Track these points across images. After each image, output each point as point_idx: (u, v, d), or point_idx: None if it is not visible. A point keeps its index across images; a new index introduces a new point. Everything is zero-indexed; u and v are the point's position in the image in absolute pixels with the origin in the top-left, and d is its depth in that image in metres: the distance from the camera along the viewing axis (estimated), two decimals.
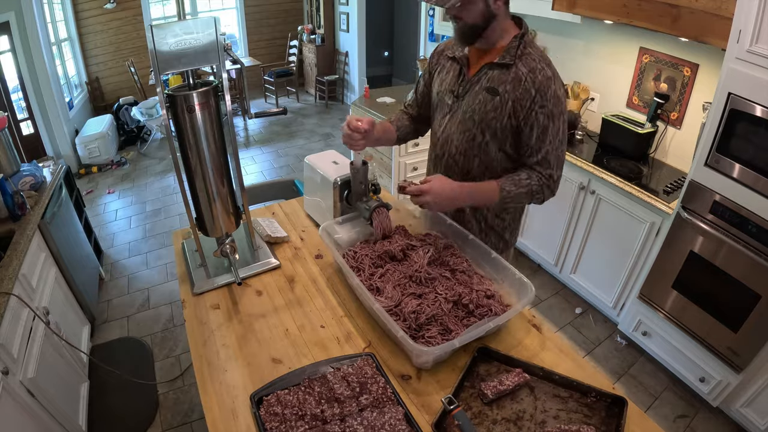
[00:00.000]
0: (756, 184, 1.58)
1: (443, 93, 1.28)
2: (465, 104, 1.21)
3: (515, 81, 1.12)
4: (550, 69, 1.12)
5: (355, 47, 5.69)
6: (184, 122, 1.09)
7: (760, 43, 1.47)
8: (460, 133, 1.24)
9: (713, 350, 1.85)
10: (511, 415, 0.89)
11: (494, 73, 1.15)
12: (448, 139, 1.28)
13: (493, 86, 1.15)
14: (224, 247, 1.25)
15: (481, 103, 1.17)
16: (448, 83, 1.27)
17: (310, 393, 0.90)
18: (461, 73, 1.23)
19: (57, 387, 1.68)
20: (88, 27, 5.16)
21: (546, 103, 1.10)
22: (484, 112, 1.17)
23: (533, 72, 1.11)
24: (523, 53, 1.13)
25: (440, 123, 1.31)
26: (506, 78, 1.13)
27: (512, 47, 1.13)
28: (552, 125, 1.13)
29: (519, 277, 1.10)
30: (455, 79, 1.25)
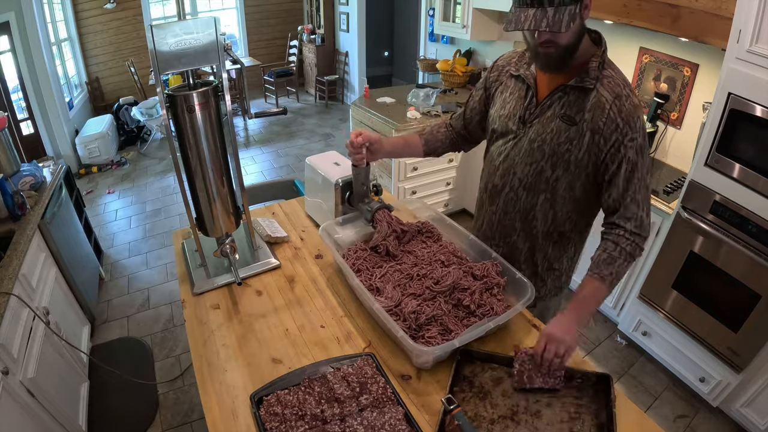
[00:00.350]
0: (756, 184, 1.58)
1: (506, 117, 1.13)
2: (533, 132, 1.07)
3: (596, 108, 0.98)
4: (635, 96, 0.98)
5: (355, 47, 5.69)
6: (184, 122, 1.09)
7: (760, 43, 1.47)
8: (526, 164, 1.10)
9: (713, 350, 1.85)
10: (506, 412, 0.89)
11: (570, 98, 1.01)
12: (510, 170, 1.14)
13: (570, 113, 1.01)
14: (224, 247, 1.25)
15: (554, 133, 1.03)
16: (512, 106, 1.12)
17: (310, 393, 0.90)
18: (528, 94, 1.09)
19: (57, 387, 1.68)
20: (88, 27, 5.16)
21: (636, 135, 0.97)
22: (557, 144, 1.03)
23: (619, 98, 0.96)
24: (603, 75, 0.99)
25: (500, 150, 1.16)
26: (585, 104, 0.99)
27: (592, 68, 0.98)
28: (641, 161, 0.99)
29: (519, 277, 1.10)
30: (521, 101, 1.10)
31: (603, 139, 0.98)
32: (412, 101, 3.15)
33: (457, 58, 3.55)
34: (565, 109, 1.02)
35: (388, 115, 2.99)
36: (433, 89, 3.22)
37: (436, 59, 3.90)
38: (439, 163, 3.12)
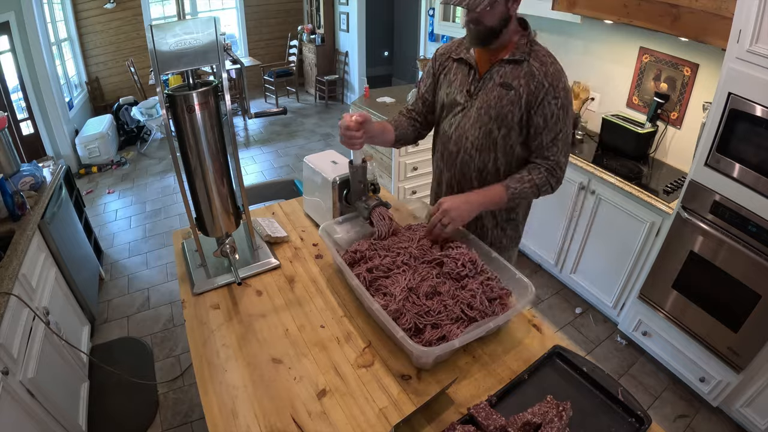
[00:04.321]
0: (756, 184, 1.57)
1: (454, 93, 1.29)
2: (479, 101, 1.24)
3: (528, 75, 1.16)
4: (558, 63, 1.18)
5: (355, 47, 5.69)
6: (184, 122, 1.09)
7: (760, 43, 1.47)
8: (476, 129, 1.26)
9: (713, 350, 1.85)
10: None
11: (506, 69, 1.20)
12: (462, 136, 1.29)
13: (507, 81, 1.19)
14: (224, 247, 1.25)
15: (497, 98, 1.20)
16: (459, 83, 1.29)
17: None
18: (471, 72, 1.26)
19: (57, 387, 1.68)
20: (88, 27, 5.16)
21: (558, 94, 1.15)
22: (500, 107, 1.20)
23: (545, 65, 1.16)
24: (532, 50, 1.18)
25: (451, 122, 1.32)
26: (519, 73, 1.18)
27: (522, 44, 1.19)
28: (562, 114, 1.17)
29: (519, 277, 1.10)
30: (466, 78, 1.27)
31: (534, 98, 1.17)
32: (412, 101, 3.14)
33: None
34: (503, 78, 1.20)
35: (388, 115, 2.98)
36: None
37: None
38: None
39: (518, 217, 1.42)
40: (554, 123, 1.18)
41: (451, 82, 1.31)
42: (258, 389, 0.97)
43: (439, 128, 1.39)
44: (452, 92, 1.30)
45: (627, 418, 0.87)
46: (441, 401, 0.93)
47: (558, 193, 1.25)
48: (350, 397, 0.95)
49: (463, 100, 1.28)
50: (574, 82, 2.79)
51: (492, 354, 1.05)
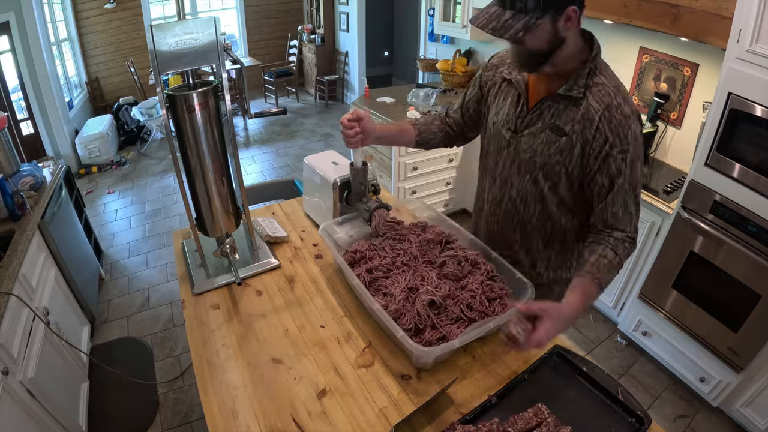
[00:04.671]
0: (756, 184, 1.57)
1: (499, 125, 1.11)
2: (525, 142, 1.04)
3: (586, 120, 0.95)
4: (627, 104, 0.94)
5: (355, 47, 5.69)
6: (184, 122, 1.09)
7: (760, 43, 1.47)
8: (521, 176, 1.08)
9: (713, 350, 1.85)
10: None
11: (560, 107, 0.98)
12: (507, 180, 1.13)
13: (559, 124, 0.98)
14: (224, 247, 1.25)
15: (544, 144, 1.01)
16: (504, 113, 1.09)
17: None
18: (520, 102, 1.06)
19: (57, 387, 1.68)
20: (88, 27, 5.16)
21: (626, 146, 0.93)
22: (547, 155, 1.01)
23: (609, 110, 0.93)
24: (594, 83, 0.95)
25: (496, 159, 1.14)
26: (574, 115, 0.96)
27: (580, 76, 0.95)
28: (631, 172, 0.95)
29: (519, 277, 1.10)
30: (513, 108, 1.07)
31: (592, 151, 0.96)
32: (412, 101, 3.15)
33: (457, 57, 3.55)
34: (555, 119, 0.99)
35: (388, 115, 2.99)
36: (433, 89, 3.23)
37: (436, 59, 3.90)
38: (439, 163, 3.12)
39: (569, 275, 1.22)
40: (622, 183, 0.95)
41: (499, 109, 1.12)
42: (258, 389, 0.97)
43: (483, 160, 1.23)
44: (498, 122, 1.11)
45: (627, 418, 0.87)
46: (441, 401, 0.93)
47: None
48: (350, 397, 0.95)
49: (508, 137, 1.09)
50: None
51: (492, 354, 1.05)
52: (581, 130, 0.96)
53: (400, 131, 1.30)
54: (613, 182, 0.96)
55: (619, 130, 0.93)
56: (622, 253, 0.98)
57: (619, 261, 0.98)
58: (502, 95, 1.12)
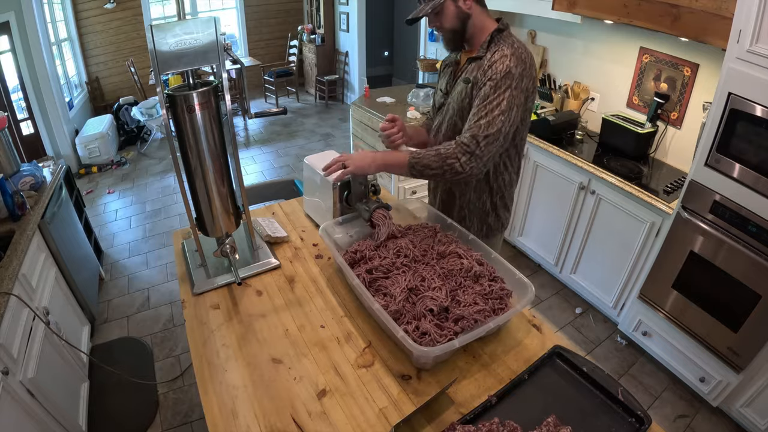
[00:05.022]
0: (756, 184, 1.57)
1: (439, 95, 1.40)
2: (450, 98, 1.32)
3: (480, 67, 1.20)
4: (510, 49, 1.16)
5: (355, 47, 5.69)
6: (184, 122, 1.09)
7: (760, 43, 1.47)
8: (448, 125, 1.34)
9: (713, 350, 1.85)
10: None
11: (471, 66, 1.25)
12: (439, 130, 1.38)
13: (468, 76, 1.24)
14: (224, 247, 1.25)
15: (459, 93, 1.27)
16: (443, 86, 1.39)
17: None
18: (452, 74, 1.35)
19: (57, 387, 1.68)
20: (88, 27, 5.16)
21: (494, 75, 1.15)
22: (460, 99, 1.26)
23: (494, 54, 1.18)
24: (493, 43, 1.21)
25: (437, 120, 1.42)
26: (477, 67, 1.22)
27: (483, 41, 1.22)
28: (493, 94, 1.15)
29: (519, 277, 1.10)
30: (449, 79, 1.37)
31: (476, 86, 1.21)
32: (412, 101, 3.15)
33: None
34: (466, 74, 1.25)
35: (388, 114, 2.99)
36: (433, 89, 3.22)
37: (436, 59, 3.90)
38: None
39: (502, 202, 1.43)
40: (481, 101, 1.16)
41: (441, 85, 1.40)
42: (258, 389, 0.97)
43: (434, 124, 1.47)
44: (439, 93, 1.40)
45: (627, 418, 0.87)
46: (441, 401, 0.93)
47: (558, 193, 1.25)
48: (350, 397, 0.95)
49: (442, 100, 1.37)
50: (574, 81, 2.79)
51: (492, 354, 1.05)
52: (477, 76, 1.21)
53: (417, 132, 1.51)
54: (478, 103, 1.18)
55: (494, 64, 1.16)
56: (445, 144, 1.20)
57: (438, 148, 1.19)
58: (444, 76, 1.41)
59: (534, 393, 0.94)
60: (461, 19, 1.20)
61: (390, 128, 1.36)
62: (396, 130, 1.37)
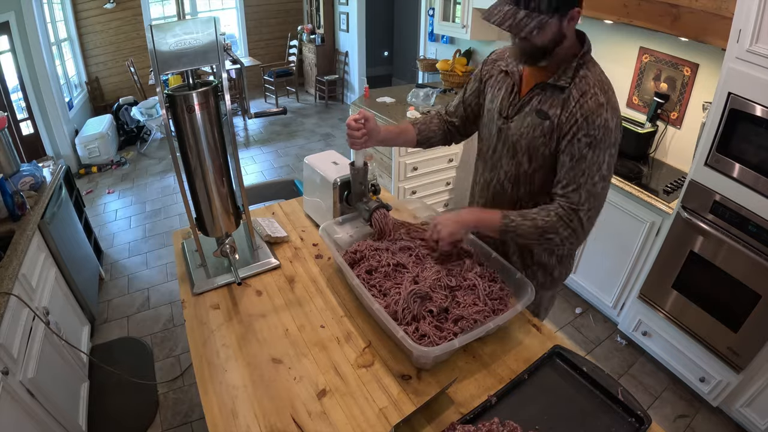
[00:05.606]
0: (756, 184, 1.57)
1: (494, 111, 1.17)
2: (514, 126, 1.11)
3: (565, 105, 1.01)
4: (604, 95, 0.98)
5: (355, 47, 5.69)
6: (184, 122, 1.09)
7: (760, 43, 1.47)
8: (509, 158, 1.14)
9: (713, 350, 1.85)
10: None
11: (546, 95, 1.05)
12: (497, 163, 1.19)
13: (543, 109, 1.04)
14: (224, 247, 1.25)
15: (530, 127, 1.07)
16: (498, 101, 1.16)
17: None
18: (513, 90, 1.13)
19: (57, 387, 1.68)
20: (88, 27, 5.16)
21: (591, 131, 0.97)
22: (532, 137, 1.07)
23: (584, 96, 0.99)
24: (579, 75, 1.01)
25: (488, 144, 1.21)
26: (558, 101, 1.02)
27: (570, 68, 1.01)
28: (592, 155, 0.98)
29: (519, 277, 1.10)
30: (507, 96, 1.14)
31: (562, 131, 1.02)
32: (412, 101, 3.15)
33: (457, 57, 3.55)
34: (540, 105, 1.05)
35: (388, 115, 2.99)
36: (433, 89, 3.23)
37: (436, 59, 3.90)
38: (439, 163, 3.12)
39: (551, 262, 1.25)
40: (580, 163, 0.99)
41: (494, 97, 1.18)
42: (258, 389, 0.97)
43: (481, 146, 1.27)
44: (493, 109, 1.18)
45: (627, 418, 0.87)
46: (441, 401, 0.93)
47: None
48: (350, 397, 0.95)
49: (500, 123, 1.15)
50: None
51: (492, 354, 1.05)
52: (560, 114, 1.02)
53: (401, 132, 1.33)
54: (573, 161, 1.01)
55: (589, 115, 0.98)
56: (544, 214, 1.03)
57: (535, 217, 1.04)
58: (498, 85, 1.18)
59: (534, 393, 0.94)
60: (556, 40, 0.97)
61: (356, 128, 1.19)
62: (359, 134, 1.19)
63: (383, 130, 1.26)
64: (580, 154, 0.99)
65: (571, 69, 1.01)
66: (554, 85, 1.03)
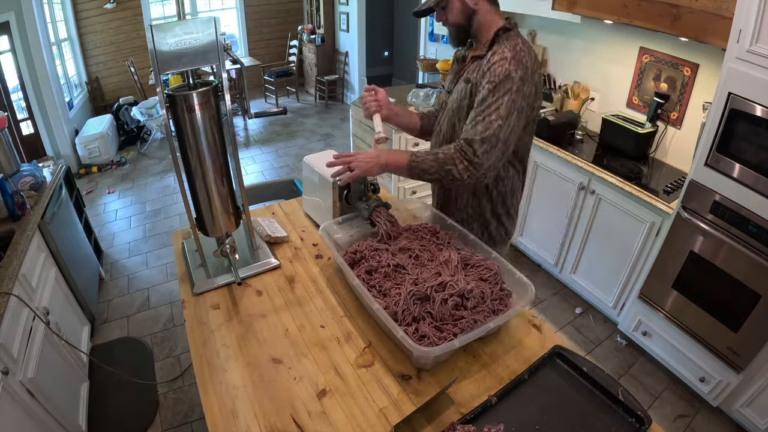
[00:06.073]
0: (756, 184, 1.57)
1: (444, 92, 1.39)
2: (451, 98, 1.30)
3: (480, 68, 1.18)
4: (511, 52, 1.13)
5: (355, 47, 5.69)
6: (184, 122, 1.09)
7: (760, 43, 1.47)
8: (447, 123, 1.32)
9: (713, 350, 1.85)
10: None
11: (473, 66, 1.23)
12: (439, 130, 1.37)
13: (469, 76, 1.22)
14: (224, 247, 1.25)
15: (459, 92, 1.25)
16: (448, 83, 1.37)
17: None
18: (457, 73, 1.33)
19: (57, 387, 1.68)
20: (88, 27, 5.16)
21: (493, 78, 1.12)
22: (460, 99, 1.25)
23: (494, 55, 1.15)
24: (497, 43, 1.18)
25: (439, 117, 1.41)
26: (478, 67, 1.20)
27: (487, 40, 1.20)
28: (491, 98, 1.12)
29: (519, 277, 1.10)
30: (453, 77, 1.35)
31: (475, 88, 1.19)
32: (412, 101, 3.15)
33: None
34: (468, 74, 1.24)
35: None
36: (433, 89, 3.22)
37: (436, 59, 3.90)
38: None
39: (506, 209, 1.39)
40: (479, 104, 1.14)
41: (448, 82, 1.38)
42: (258, 389, 0.97)
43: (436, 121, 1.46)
44: (444, 90, 1.40)
45: (627, 418, 0.87)
46: (441, 401, 0.93)
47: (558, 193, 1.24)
48: (350, 397, 0.95)
49: (445, 97, 1.36)
50: (574, 81, 2.79)
51: (492, 354, 1.05)
52: (477, 76, 1.19)
53: (409, 114, 1.50)
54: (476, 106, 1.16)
55: (492, 66, 1.14)
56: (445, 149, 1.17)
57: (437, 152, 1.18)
58: (450, 74, 1.38)
59: (534, 393, 0.94)
60: (467, 14, 1.18)
61: (369, 93, 1.41)
62: (372, 98, 1.39)
63: (395, 107, 1.44)
64: (482, 98, 1.14)
65: (487, 41, 1.19)
66: (479, 56, 1.21)
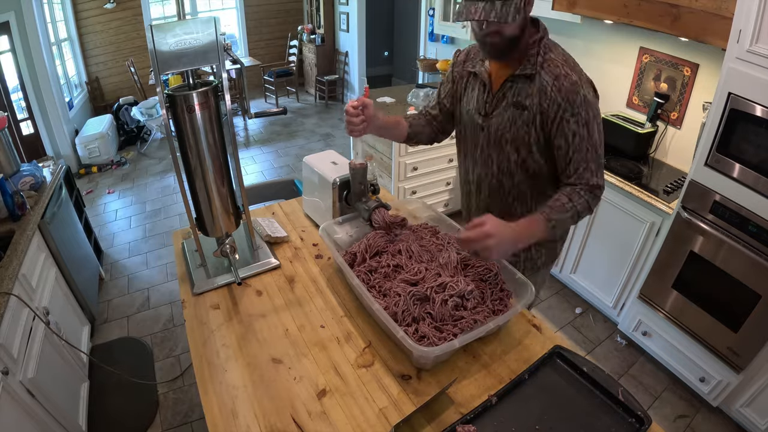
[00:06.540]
0: (756, 184, 1.57)
1: (473, 112, 1.23)
2: (495, 123, 1.17)
3: (541, 92, 1.07)
4: (575, 73, 1.05)
5: (355, 47, 5.69)
6: (184, 122, 1.09)
7: (760, 43, 1.47)
8: (498, 152, 1.20)
9: (713, 350, 1.85)
10: None
11: (518, 86, 1.11)
12: (488, 159, 1.24)
13: (520, 100, 1.11)
14: (224, 247, 1.25)
15: (511, 120, 1.13)
16: (475, 102, 1.22)
17: None
18: (485, 89, 1.19)
19: (57, 387, 1.68)
20: (88, 27, 5.16)
21: (576, 110, 1.04)
22: (514, 130, 1.13)
23: (558, 79, 1.05)
24: (545, 59, 1.07)
25: (474, 142, 1.27)
26: (531, 90, 1.08)
27: (532, 55, 1.07)
28: (587, 133, 1.06)
29: (519, 277, 1.10)
30: (481, 95, 1.20)
31: (548, 118, 1.08)
32: (412, 101, 3.15)
33: None
34: (516, 97, 1.12)
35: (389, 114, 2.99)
36: (433, 89, 3.22)
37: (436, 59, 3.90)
38: (439, 163, 3.12)
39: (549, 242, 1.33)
40: (579, 143, 1.06)
41: (470, 99, 1.25)
42: (258, 389, 0.97)
43: (466, 146, 1.31)
44: (471, 110, 1.24)
45: (627, 418, 0.87)
46: (441, 401, 0.93)
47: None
48: (350, 397, 0.95)
49: (480, 122, 1.21)
50: None
51: (492, 354, 1.05)
52: (538, 102, 1.08)
53: (397, 123, 1.36)
54: (569, 143, 1.08)
55: (569, 96, 1.04)
56: (577, 199, 1.08)
57: (573, 205, 1.08)
58: (470, 87, 1.25)
59: (534, 393, 0.94)
60: (522, 26, 1.03)
61: (355, 115, 1.17)
62: (358, 120, 1.17)
63: (381, 118, 1.27)
64: (573, 134, 1.06)
65: (533, 56, 1.07)
66: (523, 75, 1.09)
